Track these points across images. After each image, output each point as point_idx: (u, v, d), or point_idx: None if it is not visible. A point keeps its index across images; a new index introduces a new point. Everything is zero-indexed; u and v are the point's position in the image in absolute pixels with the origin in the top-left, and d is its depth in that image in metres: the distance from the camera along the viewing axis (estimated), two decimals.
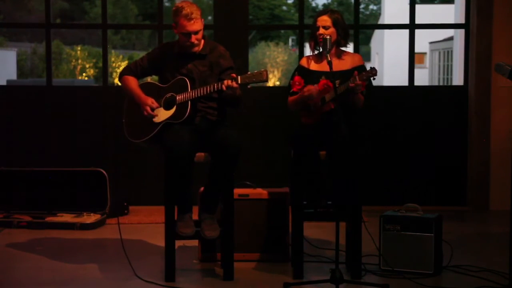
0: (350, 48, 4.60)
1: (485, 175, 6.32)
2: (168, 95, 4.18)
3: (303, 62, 4.43)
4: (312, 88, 4.20)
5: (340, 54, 4.38)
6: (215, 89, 4.05)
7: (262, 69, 4.00)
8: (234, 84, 3.98)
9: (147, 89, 4.29)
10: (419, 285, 3.94)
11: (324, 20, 4.32)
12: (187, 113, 4.07)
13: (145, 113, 4.18)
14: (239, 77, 4.01)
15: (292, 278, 4.11)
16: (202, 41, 4.28)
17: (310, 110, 4.26)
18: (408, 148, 6.41)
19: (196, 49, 4.23)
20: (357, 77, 4.06)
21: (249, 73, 4.03)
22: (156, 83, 4.35)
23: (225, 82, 4.01)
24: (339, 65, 4.31)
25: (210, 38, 4.45)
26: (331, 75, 3.91)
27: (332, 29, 4.30)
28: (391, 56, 26.28)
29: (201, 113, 4.19)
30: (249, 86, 3.99)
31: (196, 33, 4.16)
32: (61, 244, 5.06)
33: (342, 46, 4.39)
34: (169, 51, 4.31)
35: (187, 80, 4.14)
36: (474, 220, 6.05)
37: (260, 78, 3.97)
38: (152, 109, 4.18)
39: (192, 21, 4.14)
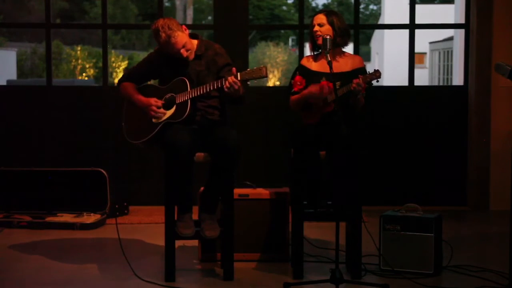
0: (350, 48, 4.59)
1: (485, 175, 6.32)
2: (168, 95, 4.18)
3: (304, 62, 4.43)
4: (314, 89, 4.20)
5: (340, 55, 4.38)
6: (215, 87, 4.04)
7: (262, 65, 3.99)
8: (237, 81, 3.96)
9: (146, 91, 4.28)
10: (419, 285, 3.94)
11: (319, 18, 4.34)
12: (187, 112, 4.07)
13: (152, 113, 4.15)
14: (239, 73, 3.99)
15: (292, 278, 4.11)
16: (196, 41, 4.27)
17: (312, 110, 4.26)
18: (408, 148, 6.41)
19: (191, 57, 4.22)
20: (361, 79, 4.06)
21: (248, 69, 4.01)
22: (155, 85, 4.35)
23: (229, 79, 3.98)
24: (340, 66, 4.30)
25: (210, 38, 4.44)
26: (332, 76, 3.91)
27: (327, 27, 4.30)
28: (391, 56, 26.26)
29: (201, 112, 4.19)
30: (248, 83, 3.97)
31: (183, 46, 4.15)
32: (61, 244, 5.06)
33: (340, 46, 4.37)
34: (164, 54, 4.27)
35: (187, 80, 4.13)
36: (474, 220, 6.05)
37: (260, 74, 3.95)
38: (158, 107, 4.17)
39: (173, 41, 4.10)
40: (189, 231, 4.06)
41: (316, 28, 4.32)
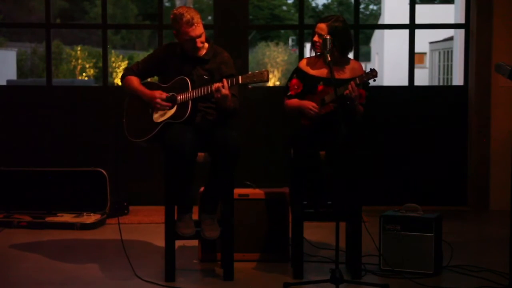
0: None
1: (485, 175, 6.32)
2: (169, 94, 4.18)
3: (303, 65, 4.40)
4: (313, 108, 4.20)
5: (341, 61, 4.33)
6: (208, 92, 4.04)
7: (263, 69, 3.99)
8: (222, 89, 3.96)
9: (148, 88, 4.28)
10: (419, 285, 3.94)
11: (320, 28, 4.28)
12: (188, 113, 4.07)
13: (158, 105, 4.15)
14: (240, 77, 4.00)
15: (292, 278, 4.11)
16: (207, 45, 4.27)
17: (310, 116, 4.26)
18: (408, 148, 6.41)
19: (200, 52, 4.22)
20: (357, 79, 4.07)
21: (250, 73, 4.03)
22: (157, 82, 4.35)
23: (214, 85, 4.00)
24: (339, 73, 4.26)
25: (210, 38, 4.43)
26: (332, 77, 3.90)
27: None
28: (391, 56, 26.27)
29: (201, 113, 4.19)
30: (249, 86, 3.98)
31: (199, 36, 4.15)
32: (61, 244, 5.06)
33: (336, 57, 4.27)
34: (171, 52, 4.29)
35: (188, 80, 4.13)
36: (474, 220, 6.05)
37: (261, 78, 3.96)
38: (163, 99, 4.15)
39: (194, 26, 4.11)
40: (189, 231, 4.06)
41: (316, 38, 4.27)
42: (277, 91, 6.76)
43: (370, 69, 4.17)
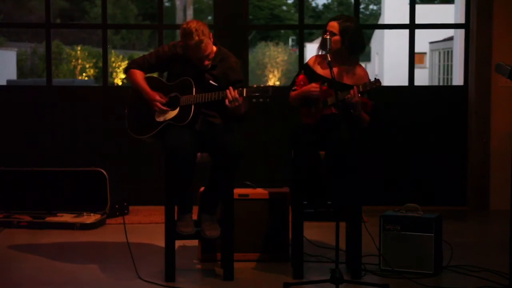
0: None
1: (485, 175, 6.32)
2: (173, 94, 4.17)
3: (311, 62, 4.39)
4: (314, 88, 4.20)
5: (346, 64, 4.30)
6: (219, 98, 4.02)
7: (269, 85, 3.98)
8: (239, 98, 3.94)
9: (152, 83, 4.25)
10: (419, 285, 3.94)
11: (332, 25, 4.26)
12: (190, 118, 4.06)
13: (156, 108, 4.15)
14: (244, 89, 3.97)
15: (292, 278, 4.11)
16: (214, 48, 4.22)
17: (311, 110, 4.25)
18: (408, 148, 6.41)
19: (209, 66, 4.20)
20: (360, 86, 4.07)
21: (255, 86, 3.99)
22: (162, 79, 4.34)
23: (232, 93, 3.94)
24: (343, 77, 4.26)
25: (218, 41, 4.38)
26: (333, 79, 3.90)
27: (337, 37, 4.24)
28: (391, 56, 26.26)
29: (202, 116, 4.17)
30: (253, 100, 3.95)
31: (207, 56, 4.12)
32: (61, 244, 5.06)
33: (344, 57, 4.29)
34: (178, 53, 4.24)
35: (192, 82, 4.10)
36: (474, 220, 6.05)
37: (266, 93, 3.93)
38: (163, 103, 4.15)
39: (204, 48, 4.07)
40: (189, 230, 4.06)
41: (327, 36, 4.16)
42: (277, 90, 6.74)
43: (375, 78, 4.17)
